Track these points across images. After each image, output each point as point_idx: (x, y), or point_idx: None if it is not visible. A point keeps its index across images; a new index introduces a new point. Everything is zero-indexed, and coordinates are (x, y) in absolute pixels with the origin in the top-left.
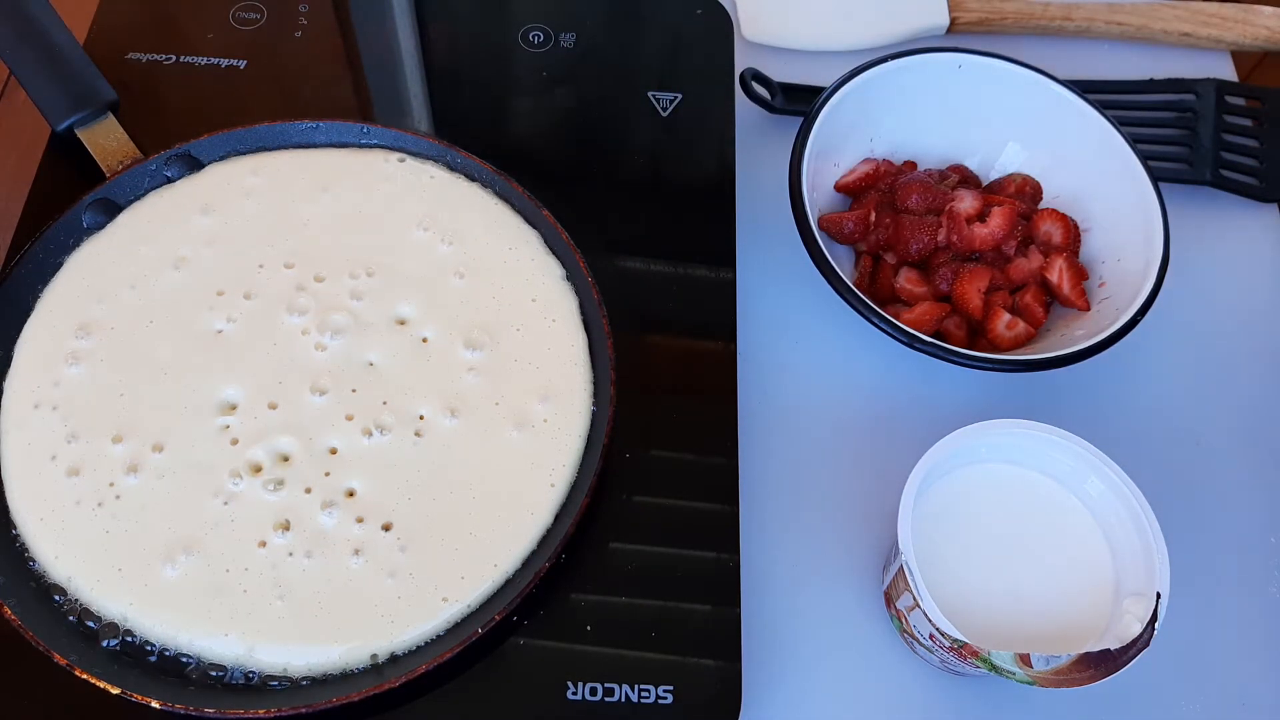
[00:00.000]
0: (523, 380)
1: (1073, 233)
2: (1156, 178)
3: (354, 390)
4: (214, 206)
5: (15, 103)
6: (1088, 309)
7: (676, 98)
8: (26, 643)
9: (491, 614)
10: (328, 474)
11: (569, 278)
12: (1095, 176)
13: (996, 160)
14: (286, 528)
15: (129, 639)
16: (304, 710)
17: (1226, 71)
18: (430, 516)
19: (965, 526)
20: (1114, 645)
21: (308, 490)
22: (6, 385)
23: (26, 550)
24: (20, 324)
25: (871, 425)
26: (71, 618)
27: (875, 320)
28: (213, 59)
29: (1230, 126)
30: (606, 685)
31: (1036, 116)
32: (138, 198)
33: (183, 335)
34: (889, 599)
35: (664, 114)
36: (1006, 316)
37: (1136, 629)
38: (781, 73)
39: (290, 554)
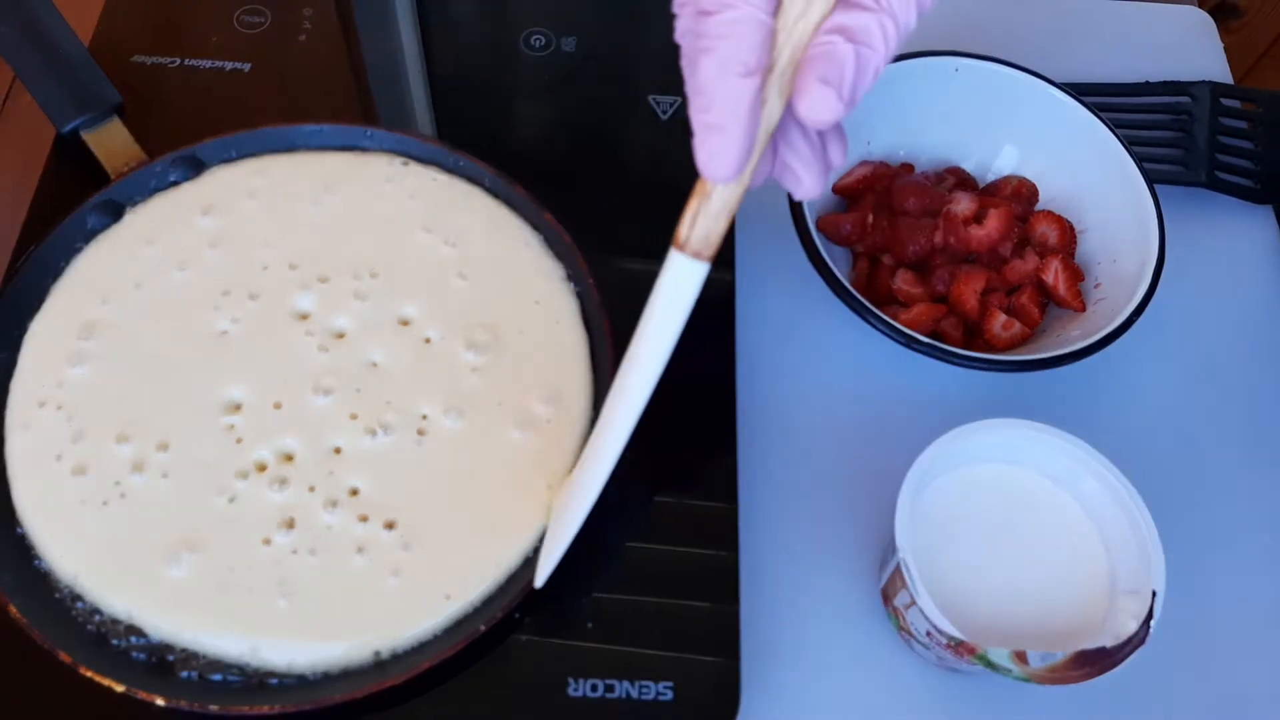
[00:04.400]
0: (525, 381)
1: (1068, 234)
2: (1152, 180)
3: (358, 390)
4: (218, 208)
5: (21, 105)
6: (1083, 310)
7: (677, 102)
8: (31, 641)
9: (494, 611)
10: (331, 473)
11: (570, 279)
12: (1091, 179)
13: (993, 163)
14: (291, 526)
15: (134, 637)
16: (308, 707)
17: (1222, 74)
18: (433, 515)
19: (962, 525)
20: (1109, 643)
21: (311, 489)
22: (12, 385)
23: (32, 549)
24: (26, 324)
25: (869, 424)
26: (77, 616)
27: (873, 321)
28: (217, 62)
29: (1225, 129)
30: (607, 682)
31: (1032, 119)
32: (142, 199)
33: (187, 335)
34: (886, 596)
35: (664, 118)
36: (1003, 317)
37: (1132, 626)
38: None
39: (294, 552)
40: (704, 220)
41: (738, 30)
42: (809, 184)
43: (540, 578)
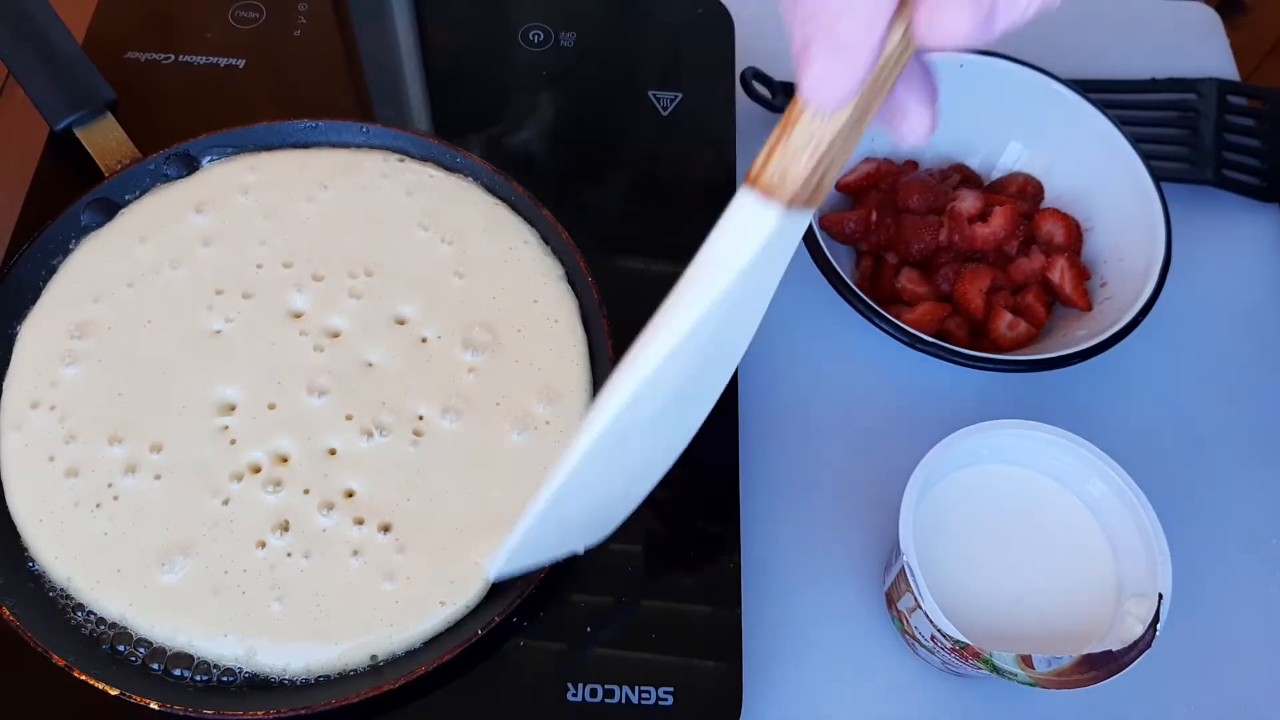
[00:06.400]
0: (523, 381)
1: (1074, 232)
2: (1158, 177)
3: (353, 391)
4: (212, 205)
5: (14, 102)
6: (1089, 309)
7: (677, 97)
8: (25, 644)
9: (491, 615)
10: (326, 475)
11: (569, 278)
12: (1097, 176)
13: (998, 160)
14: (285, 529)
15: (127, 640)
16: (303, 711)
17: (1228, 71)
18: (430, 518)
19: (967, 527)
20: (1116, 646)
21: (306, 491)
22: (5, 385)
23: (26, 551)
24: (18, 324)
25: (873, 425)
26: (70, 619)
27: (877, 320)
28: (211, 58)
29: (1232, 126)
30: (606, 686)
31: (1038, 116)
32: (136, 197)
33: (181, 335)
34: (890, 600)
35: (664, 113)
36: (1008, 316)
37: (1138, 630)
38: (783, 72)
39: (289, 555)
40: (781, 154)
41: None
42: (926, 123)
43: (492, 570)
